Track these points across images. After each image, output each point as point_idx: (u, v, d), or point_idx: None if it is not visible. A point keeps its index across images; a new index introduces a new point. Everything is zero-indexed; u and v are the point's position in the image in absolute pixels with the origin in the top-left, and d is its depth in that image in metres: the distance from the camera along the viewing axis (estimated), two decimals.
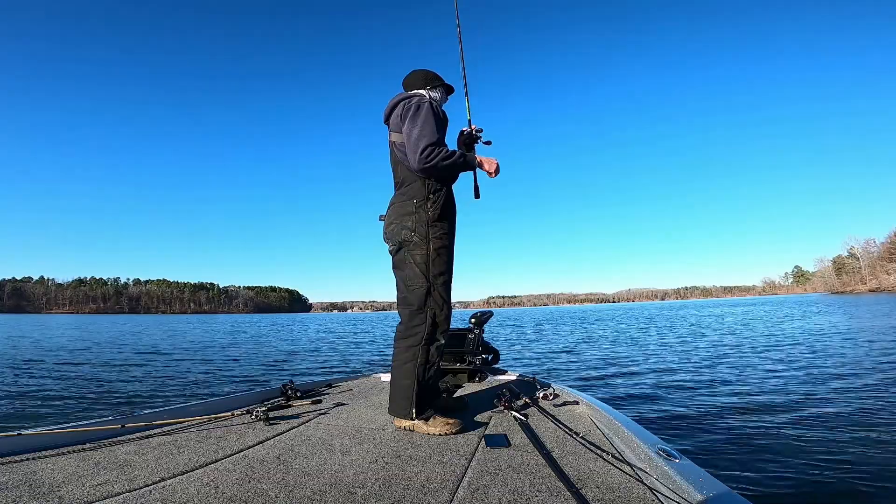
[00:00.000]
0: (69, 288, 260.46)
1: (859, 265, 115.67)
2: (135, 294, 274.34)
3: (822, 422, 4.62)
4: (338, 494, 1.52)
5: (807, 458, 3.65)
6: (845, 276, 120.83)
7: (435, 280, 2.37)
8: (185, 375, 9.41)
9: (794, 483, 3.24)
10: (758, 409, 5.24)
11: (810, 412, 4.99)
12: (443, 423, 2.26)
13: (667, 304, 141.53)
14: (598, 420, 2.36)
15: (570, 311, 76.28)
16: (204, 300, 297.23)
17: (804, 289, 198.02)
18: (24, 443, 1.96)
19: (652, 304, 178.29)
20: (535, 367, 9.75)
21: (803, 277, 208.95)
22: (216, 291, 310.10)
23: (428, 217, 2.37)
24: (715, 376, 7.53)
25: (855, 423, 4.51)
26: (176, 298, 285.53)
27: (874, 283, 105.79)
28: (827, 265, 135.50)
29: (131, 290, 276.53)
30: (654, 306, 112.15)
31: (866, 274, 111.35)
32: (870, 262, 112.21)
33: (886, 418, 4.64)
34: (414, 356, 2.33)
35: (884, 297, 57.47)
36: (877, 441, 3.99)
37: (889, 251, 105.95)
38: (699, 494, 1.37)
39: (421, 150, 2.28)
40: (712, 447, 4.01)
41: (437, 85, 2.63)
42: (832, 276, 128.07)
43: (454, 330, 3.45)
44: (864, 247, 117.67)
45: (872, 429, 4.32)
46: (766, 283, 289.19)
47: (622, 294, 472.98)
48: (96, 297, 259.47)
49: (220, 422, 2.52)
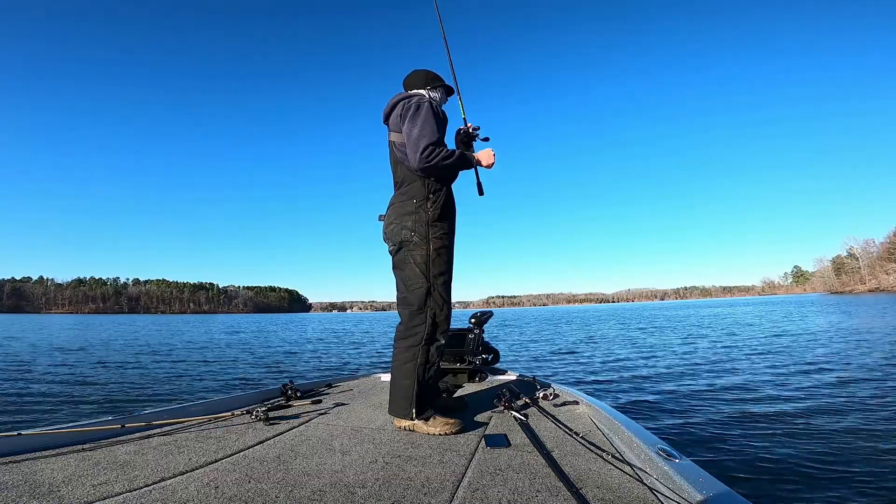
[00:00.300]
0: (68, 288, 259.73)
1: (858, 265, 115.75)
2: (134, 294, 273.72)
3: (823, 422, 4.61)
4: (338, 494, 1.52)
5: (807, 458, 3.65)
6: (844, 277, 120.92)
7: (435, 280, 2.38)
8: (180, 376, 9.36)
9: (795, 483, 3.24)
10: (757, 409, 5.24)
11: (811, 412, 5.00)
12: (443, 423, 2.27)
13: (667, 304, 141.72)
14: (598, 420, 2.36)
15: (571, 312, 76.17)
16: (203, 300, 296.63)
17: (803, 289, 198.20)
18: (24, 443, 1.97)
19: (652, 304, 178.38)
20: (535, 368, 9.74)
21: (802, 277, 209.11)
22: (216, 291, 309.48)
23: (428, 217, 2.38)
24: (715, 376, 7.55)
25: (857, 424, 4.50)
26: (175, 298, 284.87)
27: (873, 282, 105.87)
28: (826, 265, 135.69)
29: (131, 290, 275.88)
30: (655, 306, 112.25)
31: (865, 274, 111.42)
32: (869, 262, 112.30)
33: (888, 419, 4.63)
34: (414, 356, 2.33)
35: (883, 297, 57.52)
36: (877, 442, 3.98)
37: (888, 251, 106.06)
38: (699, 494, 1.36)
39: (422, 150, 2.29)
40: (712, 447, 4.00)
41: (438, 85, 2.65)
42: (831, 277, 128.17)
43: (454, 330, 3.44)
44: (863, 247, 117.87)
45: (873, 429, 4.32)
46: (765, 283, 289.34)
47: (622, 294, 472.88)
48: (96, 297, 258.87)
49: (220, 422, 2.52)
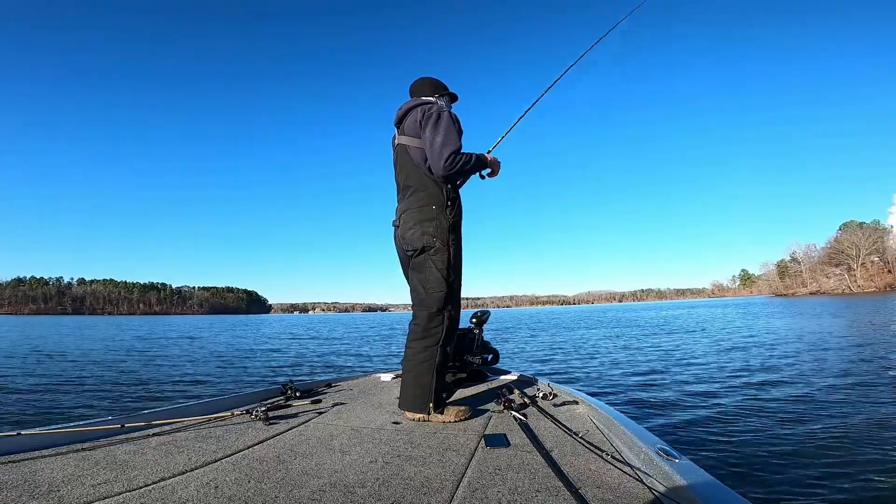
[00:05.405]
0: (7, 287, 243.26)
1: (801, 269, 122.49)
2: (79, 294, 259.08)
3: (823, 422, 4.72)
4: (337, 494, 1.52)
5: (806, 458, 3.72)
6: (788, 280, 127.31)
7: (453, 284, 2.51)
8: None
9: (795, 483, 3.28)
10: (757, 409, 5.37)
11: (811, 412, 5.12)
12: (456, 411, 2.45)
13: (629, 306, 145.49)
14: (598, 420, 2.38)
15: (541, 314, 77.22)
16: (154, 301, 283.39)
17: (750, 291, 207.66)
18: (24, 443, 1.94)
19: (615, 306, 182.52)
20: (535, 368, 9.75)
21: (749, 281, 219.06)
22: (168, 292, 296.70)
23: (448, 223, 2.50)
24: (713, 377, 7.72)
25: (857, 424, 4.61)
26: (124, 299, 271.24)
27: (814, 286, 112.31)
28: (771, 269, 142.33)
29: (75, 290, 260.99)
30: (619, 308, 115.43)
31: (807, 277, 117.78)
32: (811, 266, 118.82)
33: (889, 420, 4.75)
34: (432, 356, 2.46)
35: (822, 300, 61.20)
36: (878, 441, 4.08)
37: (829, 256, 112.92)
38: (699, 494, 1.37)
39: (446, 158, 2.40)
40: (712, 447, 4.03)
41: (444, 93, 2.78)
42: (776, 280, 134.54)
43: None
44: (805, 252, 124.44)
45: (874, 429, 4.43)
46: (715, 286, 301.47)
47: (582, 296, 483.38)
48: (37, 297, 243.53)
49: (219, 422, 2.49)
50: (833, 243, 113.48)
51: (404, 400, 2.51)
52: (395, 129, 2.74)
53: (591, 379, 8.13)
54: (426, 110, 2.54)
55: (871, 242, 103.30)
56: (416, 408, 2.44)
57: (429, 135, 2.47)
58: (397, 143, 2.70)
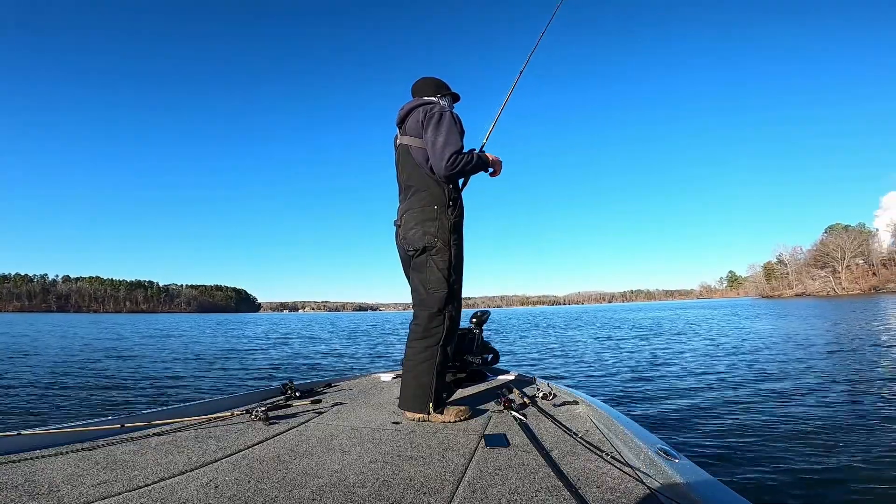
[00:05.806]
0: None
1: (787, 271, 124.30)
2: (64, 292, 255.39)
3: (823, 422, 4.75)
4: (337, 494, 1.53)
5: (806, 458, 3.74)
6: (774, 281, 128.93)
7: (454, 285, 2.52)
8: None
9: (795, 483, 3.29)
10: (756, 408, 5.41)
11: (811, 412, 5.15)
12: (456, 411, 2.46)
13: (620, 307, 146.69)
14: (598, 420, 2.39)
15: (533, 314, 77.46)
16: (141, 299, 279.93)
17: (737, 293, 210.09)
18: (24, 443, 1.93)
19: (607, 307, 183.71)
20: (535, 368, 9.76)
21: (737, 282, 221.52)
22: (155, 290, 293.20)
23: (450, 223, 2.51)
24: (713, 377, 7.76)
25: (857, 424, 4.64)
26: (110, 297, 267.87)
27: (800, 287, 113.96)
28: (758, 271, 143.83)
29: (60, 287, 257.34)
30: (612, 308, 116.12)
31: (793, 279, 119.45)
32: (796, 268, 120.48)
33: (888, 420, 4.78)
34: (433, 356, 2.47)
35: (808, 301, 62.15)
36: (878, 442, 4.10)
37: (814, 258, 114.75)
38: (699, 494, 1.37)
39: (447, 158, 2.41)
40: (712, 447, 4.04)
41: (446, 93, 2.78)
42: (762, 282, 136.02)
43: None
44: (791, 254, 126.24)
45: (874, 429, 4.46)
46: (702, 287, 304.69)
47: (572, 297, 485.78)
48: (21, 294, 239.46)
49: (219, 422, 2.49)
50: (818, 246, 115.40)
51: (404, 400, 2.52)
52: (397, 129, 2.74)
53: (591, 379, 8.16)
54: (428, 110, 2.54)
55: (857, 245, 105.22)
56: (416, 408, 2.46)
57: (430, 135, 2.48)
58: (399, 143, 2.70)
